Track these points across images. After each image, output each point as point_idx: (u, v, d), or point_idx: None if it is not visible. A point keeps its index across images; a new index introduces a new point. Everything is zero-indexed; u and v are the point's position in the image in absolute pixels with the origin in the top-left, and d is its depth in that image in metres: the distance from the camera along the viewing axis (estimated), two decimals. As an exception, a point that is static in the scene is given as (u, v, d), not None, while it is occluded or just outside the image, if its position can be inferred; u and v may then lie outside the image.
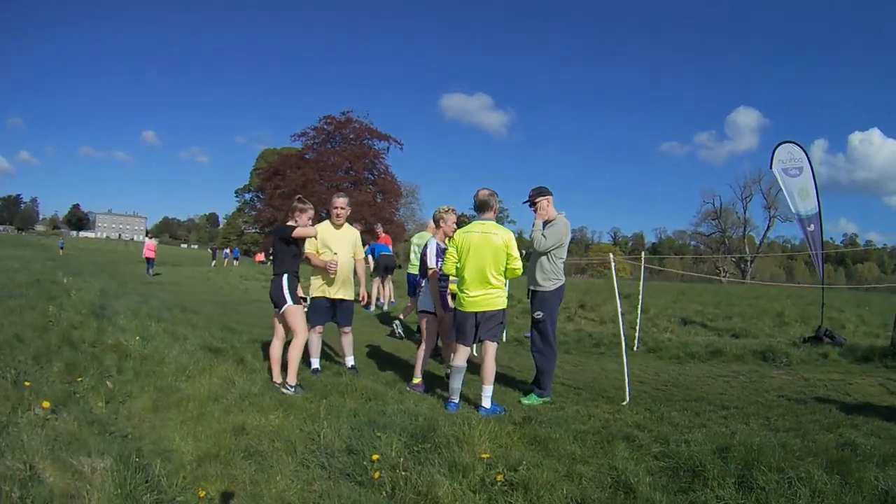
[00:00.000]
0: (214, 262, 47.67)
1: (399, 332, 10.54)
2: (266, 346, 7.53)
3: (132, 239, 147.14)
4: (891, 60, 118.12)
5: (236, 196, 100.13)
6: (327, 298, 6.95)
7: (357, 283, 7.37)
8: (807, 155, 11.73)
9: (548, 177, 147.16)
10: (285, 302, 5.97)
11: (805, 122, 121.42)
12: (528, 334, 8.06)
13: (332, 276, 6.77)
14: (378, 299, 14.49)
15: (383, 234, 16.11)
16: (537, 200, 6.50)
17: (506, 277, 5.74)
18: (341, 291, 7.02)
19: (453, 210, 7.06)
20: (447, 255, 5.85)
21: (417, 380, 6.54)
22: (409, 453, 4.10)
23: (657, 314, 14.78)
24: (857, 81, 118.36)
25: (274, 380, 6.01)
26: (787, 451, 4.07)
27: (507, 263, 5.60)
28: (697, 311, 15.64)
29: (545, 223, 6.41)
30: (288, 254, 6.09)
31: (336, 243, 7.00)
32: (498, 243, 5.54)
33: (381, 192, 70.63)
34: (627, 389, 6.35)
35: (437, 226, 6.99)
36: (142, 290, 15.56)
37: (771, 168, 12.01)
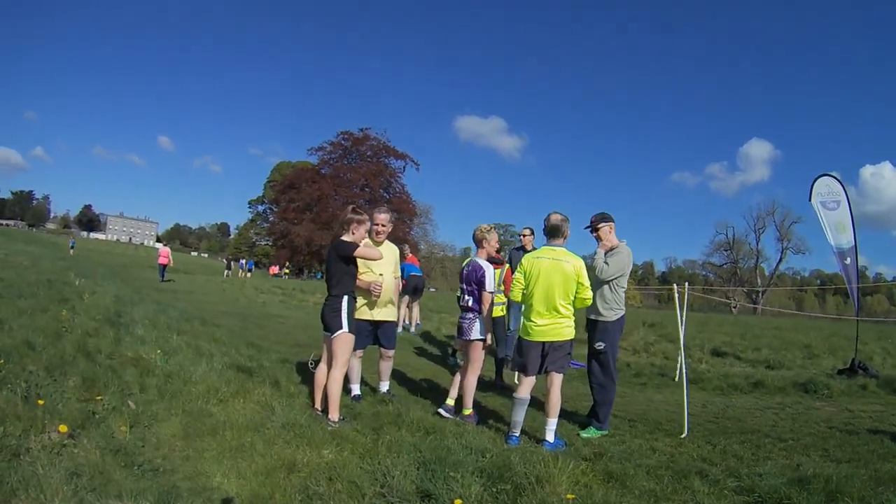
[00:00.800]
0: (229, 272, 47.03)
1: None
2: (301, 368, 7.12)
3: (142, 243, 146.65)
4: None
5: (249, 207, 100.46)
6: (369, 321, 6.31)
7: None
8: (844, 189, 11.49)
9: (559, 203, 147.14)
10: (341, 328, 5.30)
11: (817, 154, 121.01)
12: (578, 364, 8.09)
13: (376, 297, 6.13)
14: (404, 320, 13.85)
15: (410, 255, 15.51)
16: (600, 226, 6.29)
17: (574, 307, 5.48)
18: (384, 312, 6.40)
19: (494, 228, 6.51)
20: (515, 281, 5.55)
21: (469, 410, 6.04)
22: (490, 495, 3.68)
23: (687, 345, 13.89)
24: (869, 115, 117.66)
25: (315, 406, 5.39)
26: (861, 482, 4.06)
27: (577, 293, 5.36)
28: (725, 341, 15.12)
29: (607, 251, 6.19)
30: (347, 273, 5.44)
31: (378, 262, 6.26)
32: (569, 271, 5.31)
33: (396, 211, 70.48)
34: (686, 422, 6.15)
35: (480, 246, 6.34)
36: (157, 298, 15.04)
37: (809, 200, 11.61)
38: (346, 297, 5.36)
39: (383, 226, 6.50)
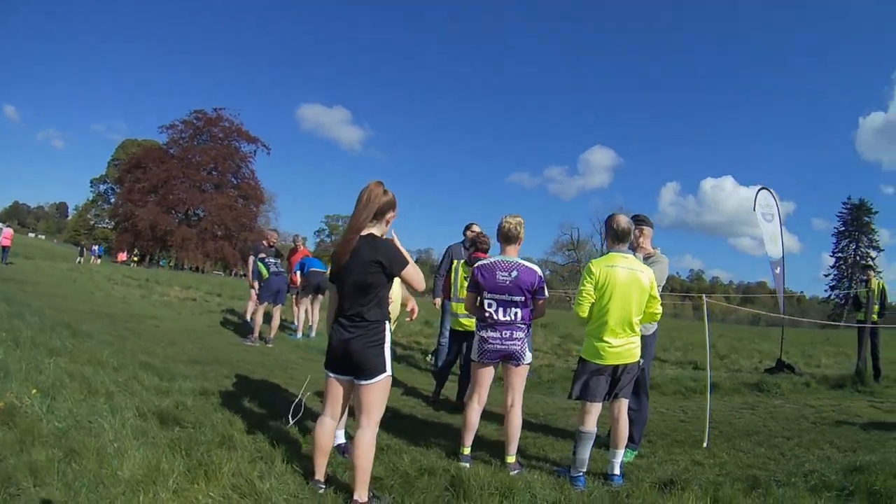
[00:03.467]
0: (81, 259, 41.88)
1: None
2: (229, 401, 5.46)
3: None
4: (745, 114, 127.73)
5: (91, 186, 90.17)
6: None
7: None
8: (777, 203, 12.13)
9: (400, 198, 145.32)
10: (384, 370, 3.63)
11: (660, 164, 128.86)
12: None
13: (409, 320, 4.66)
14: (305, 325, 11.98)
15: (303, 247, 13.59)
16: (643, 229, 5.53)
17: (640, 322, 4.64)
18: None
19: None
20: (583, 294, 4.49)
21: (512, 458, 4.66)
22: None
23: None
24: (713, 131, 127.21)
25: (316, 477, 3.71)
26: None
27: (647, 306, 4.57)
28: None
29: (644, 258, 5.36)
30: (387, 290, 3.75)
31: None
32: (645, 283, 4.50)
33: (243, 197, 67.37)
34: (707, 433, 5.92)
35: (513, 242, 4.84)
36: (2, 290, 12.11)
37: (754, 210, 12.05)
38: (388, 325, 3.74)
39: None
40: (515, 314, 4.63)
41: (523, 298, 4.62)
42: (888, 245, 76.93)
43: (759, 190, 12.17)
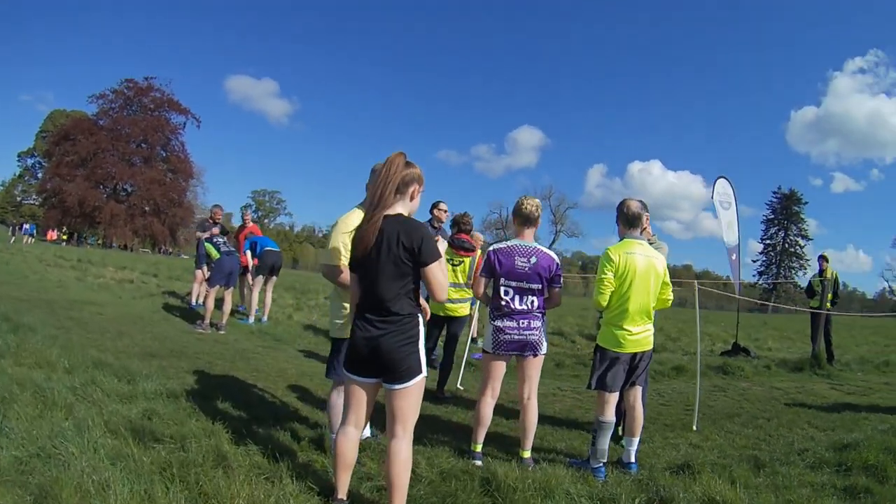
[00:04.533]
0: (13, 238, 39.74)
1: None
2: (207, 403, 5.00)
3: None
4: (675, 100, 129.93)
5: (18, 160, 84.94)
6: None
7: None
8: (734, 191, 12.58)
9: (328, 174, 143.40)
10: (420, 371, 3.14)
11: (588, 146, 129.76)
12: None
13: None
14: (256, 310, 11.34)
15: (252, 223, 12.88)
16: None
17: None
18: None
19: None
20: (604, 282, 4.38)
21: (527, 453, 4.51)
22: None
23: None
24: (643, 116, 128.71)
25: (339, 496, 3.23)
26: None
27: (661, 293, 4.53)
28: (578, 324, 15.71)
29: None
30: (418, 280, 3.20)
31: None
32: (660, 270, 4.48)
33: (172, 171, 64.88)
34: (696, 417, 6.07)
35: (532, 224, 4.59)
36: None
37: (712, 198, 12.37)
38: (421, 319, 3.22)
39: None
40: (532, 302, 4.42)
41: (540, 286, 4.42)
42: (815, 234, 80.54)
43: (717, 179, 12.52)
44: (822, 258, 12.11)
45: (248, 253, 10.90)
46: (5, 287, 12.21)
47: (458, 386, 7.40)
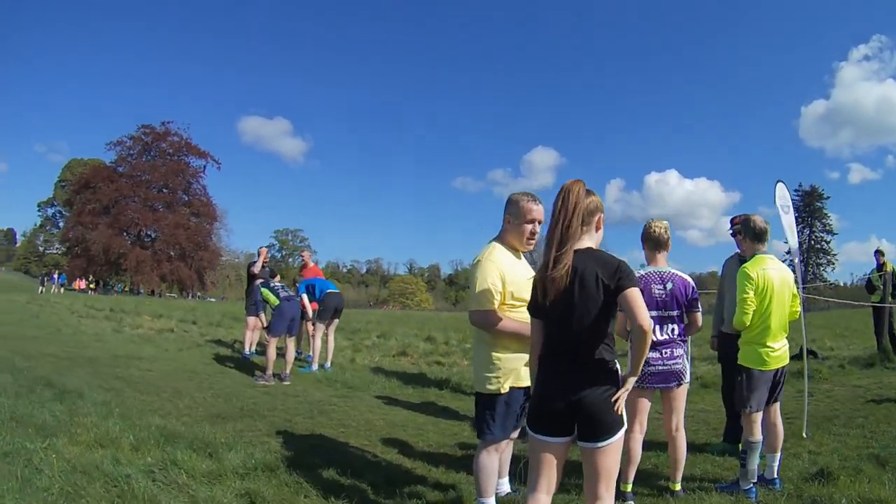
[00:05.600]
0: (43, 288, 40.06)
1: None
2: (305, 473, 4.24)
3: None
4: (688, 110, 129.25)
5: (38, 210, 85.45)
6: (524, 390, 3.51)
7: None
8: (790, 195, 11.51)
9: (343, 206, 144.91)
10: (622, 424, 2.73)
11: (603, 162, 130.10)
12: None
13: None
14: (320, 356, 10.31)
15: (312, 263, 11.91)
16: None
17: None
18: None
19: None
20: (747, 302, 4.26)
21: (678, 485, 4.31)
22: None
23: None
24: (655, 127, 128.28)
25: None
26: None
27: (790, 305, 4.45)
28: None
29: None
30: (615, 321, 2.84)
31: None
32: (790, 283, 4.46)
33: (195, 215, 64.75)
34: (805, 423, 5.84)
35: (663, 248, 4.38)
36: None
37: (775, 203, 11.71)
38: (619, 365, 2.79)
39: (541, 222, 3.67)
40: (673, 330, 4.25)
41: (679, 312, 4.26)
42: (838, 228, 78.68)
43: (776, 183, 12.27)
44: (879, 252, 11.83)
45: (305, 296, 9.87)
46: (39, 343, 11.20)
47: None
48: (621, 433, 2.71)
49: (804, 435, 5.59)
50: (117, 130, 71.57)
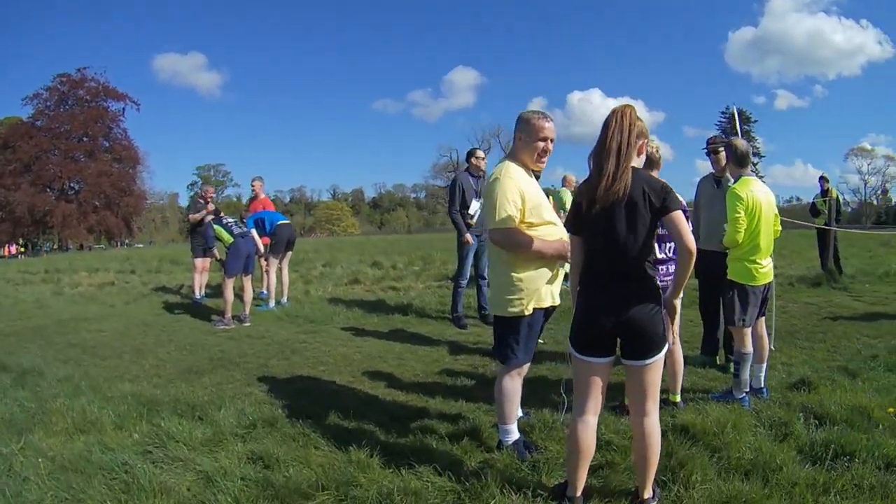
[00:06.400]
0: None
1: None
2: (313, 424, 4.06)
3: None
4: (611, 27, 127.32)
5: None
6: (545, 310, 3.54)
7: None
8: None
9: (263, 136, 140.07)
10: (666, 339, 2.79)
11: (525, 81, 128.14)
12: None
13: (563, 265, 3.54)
14: (274, 291, 10.02)
15: (262, 194, 11.37)
16: (720, 150, 5.50)
17: None
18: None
19: None
20: (739, 221, 4.43)
21: (677, 396, 4.49)
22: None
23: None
24: (579, 45, 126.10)
25: (578, 494, 2.86)
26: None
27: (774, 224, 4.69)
28: None
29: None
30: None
31: (548, 205, 3.57)
32: (773, 203, 4.69)
33: (118, 160, 61.51)
34: (773, 337, 5.81)
35: (656, 168, 4.26)
36: None
37: (734, 129, 12.46)
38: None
39: (553, 141, 3.54)
40: (670, 248, 4.34)
41: None
42: (764, 151, 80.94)
43: (730, 107, 12.67)
44: (823, 179, 12.39)
45: (254, 231, 9.40)
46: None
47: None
48: (666, 349, 2.75)
49: (771, 347, 5.66)
50: (34, 85, 65.48)
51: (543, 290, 3.42)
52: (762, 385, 4.67)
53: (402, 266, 14.95)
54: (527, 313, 3.37)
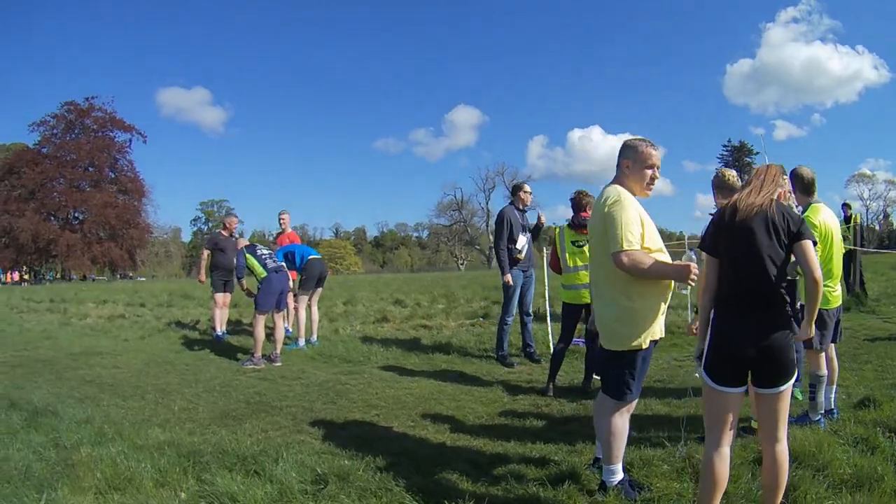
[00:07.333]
0: None
1: None
2: (364, 470, 3.63)
3: None
4: (609, 66, 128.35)
5: None
6: (653, 343, 3.34)
7: None
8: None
9: (265, 173, 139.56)
10: (797, 367, 2.79)
11: (525, 119, 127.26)
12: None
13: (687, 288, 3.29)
14: (303, 329, 9.26)
15: (290, 229, 10.70)
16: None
17: None
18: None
19: None
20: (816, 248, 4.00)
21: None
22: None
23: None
24: (578, 83, 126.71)
25: None
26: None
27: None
28: None
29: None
30: None
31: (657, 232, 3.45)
32: (839, 229, 4.67)
33: (123, 192, 61.06)
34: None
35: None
36: None
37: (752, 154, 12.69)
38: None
39: (658, 168, 3.56)
40: None
41: None
42: None
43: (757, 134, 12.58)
44: (846, 206, 12.51)
45: (283, 265, 8.72)
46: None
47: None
48: (797, 376, 2.78)
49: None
50: (39, 112, 65.35)
51: (659, 321, 3.28)
52: (833, 406, 4.69)
53: (427, 304, 14.22)
54: (644, 346, 3.23)
